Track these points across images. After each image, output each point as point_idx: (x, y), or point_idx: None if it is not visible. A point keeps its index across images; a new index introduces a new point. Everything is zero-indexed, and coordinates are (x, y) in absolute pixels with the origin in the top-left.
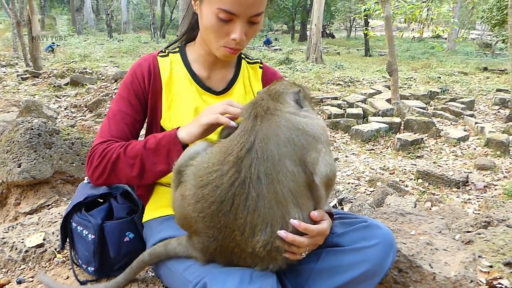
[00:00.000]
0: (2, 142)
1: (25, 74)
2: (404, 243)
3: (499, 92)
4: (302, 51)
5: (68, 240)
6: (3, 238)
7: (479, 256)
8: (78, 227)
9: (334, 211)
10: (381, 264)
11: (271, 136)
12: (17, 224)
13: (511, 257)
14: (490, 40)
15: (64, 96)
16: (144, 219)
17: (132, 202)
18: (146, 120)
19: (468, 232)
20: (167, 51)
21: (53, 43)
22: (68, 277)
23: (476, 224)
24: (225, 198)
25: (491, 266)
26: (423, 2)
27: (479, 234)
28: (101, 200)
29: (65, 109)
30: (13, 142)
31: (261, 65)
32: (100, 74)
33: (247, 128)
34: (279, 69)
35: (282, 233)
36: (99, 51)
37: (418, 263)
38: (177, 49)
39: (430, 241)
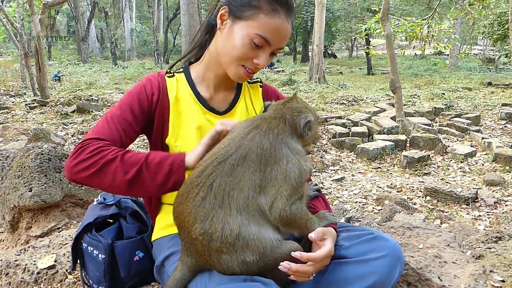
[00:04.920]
0: (14, 167)
1: (33, 103)
2: (412, 257)
3: (505, 106)
4: (305, 72)
5: (79, 261)
6: (15, 261)
7: (491, 271)
8: (89, 248)
9: (339, 224)
10: (389, 276)
11: (247, 158)
12: (29, 247)
13: None
14: (493, 55)
15: (71, 123)
16: (153, 238)
17: (141, 222)
18: (150, 139)
19: (478, 247)
20: (172, 71)
21: (59, 71)
22: None
23: (487, 240)
24: (183, 193)
25: (503, 281)
26: (423, 19)
27: (490, 248)
28: (111, 221)
29: (72, 135)
30: (24, 167)
31: (261, 84)
32: (105, 100)
33: (236, 138)
34: (282, 90)
35: (285, 264)
36: (104, 78)
37: (427, 276)
38: (181, 69)
39: (438, 254)
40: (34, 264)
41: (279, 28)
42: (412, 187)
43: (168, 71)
